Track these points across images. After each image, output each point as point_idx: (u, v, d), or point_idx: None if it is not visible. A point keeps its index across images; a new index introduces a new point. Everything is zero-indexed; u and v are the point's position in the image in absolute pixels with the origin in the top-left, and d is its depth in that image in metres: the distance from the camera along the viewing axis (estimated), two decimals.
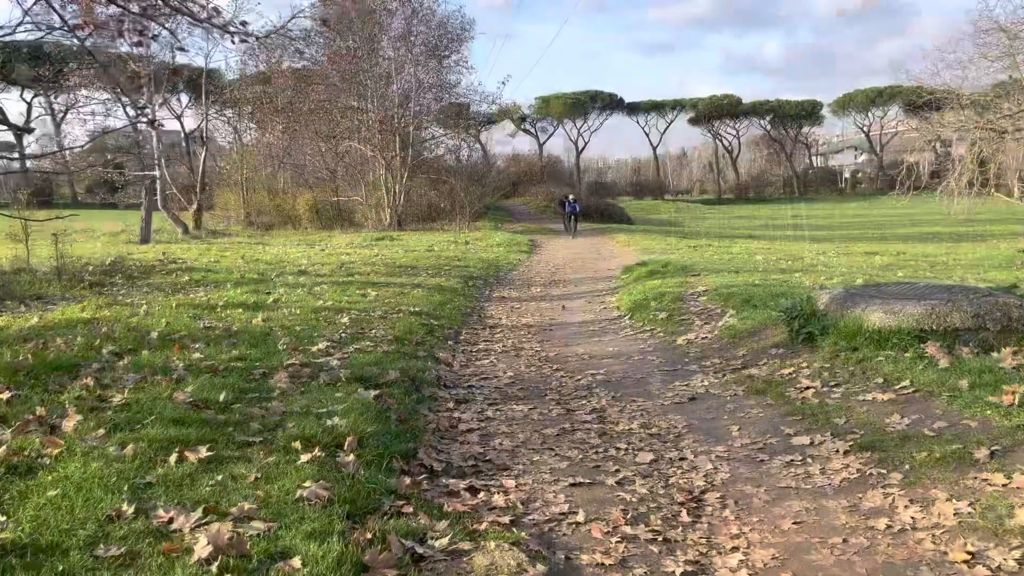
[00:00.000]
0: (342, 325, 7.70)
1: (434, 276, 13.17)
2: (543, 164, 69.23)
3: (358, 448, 3.93)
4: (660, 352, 7.03)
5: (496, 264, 16.78)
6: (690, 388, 5.64)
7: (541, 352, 7.47)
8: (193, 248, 18.64)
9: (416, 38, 33.73)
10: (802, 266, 14.16)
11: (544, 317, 9.82)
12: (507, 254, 19.54)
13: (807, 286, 9.49)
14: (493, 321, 9.57)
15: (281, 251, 18.80)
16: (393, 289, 10.87)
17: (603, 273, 15.08)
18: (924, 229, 37.63)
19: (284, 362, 5.78)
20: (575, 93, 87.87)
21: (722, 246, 21.61)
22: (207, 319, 7.57)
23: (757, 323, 7.06)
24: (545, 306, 10.89)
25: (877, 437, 4.11)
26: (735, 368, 6.01)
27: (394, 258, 16.39)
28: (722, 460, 4.15)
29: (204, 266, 13.36)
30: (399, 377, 5.54)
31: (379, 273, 13.20)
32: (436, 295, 10.71)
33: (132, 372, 5.27)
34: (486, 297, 12.06)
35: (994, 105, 24.91)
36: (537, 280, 14.40)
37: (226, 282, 11.05)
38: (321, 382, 5.30)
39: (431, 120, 37.41)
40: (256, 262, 14.88)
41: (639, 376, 6.18)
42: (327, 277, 12.30)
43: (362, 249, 19.54)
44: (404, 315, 8.66)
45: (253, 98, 36.67)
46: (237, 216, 40.40)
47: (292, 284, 11.08)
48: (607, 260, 18.39)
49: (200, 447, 3.74)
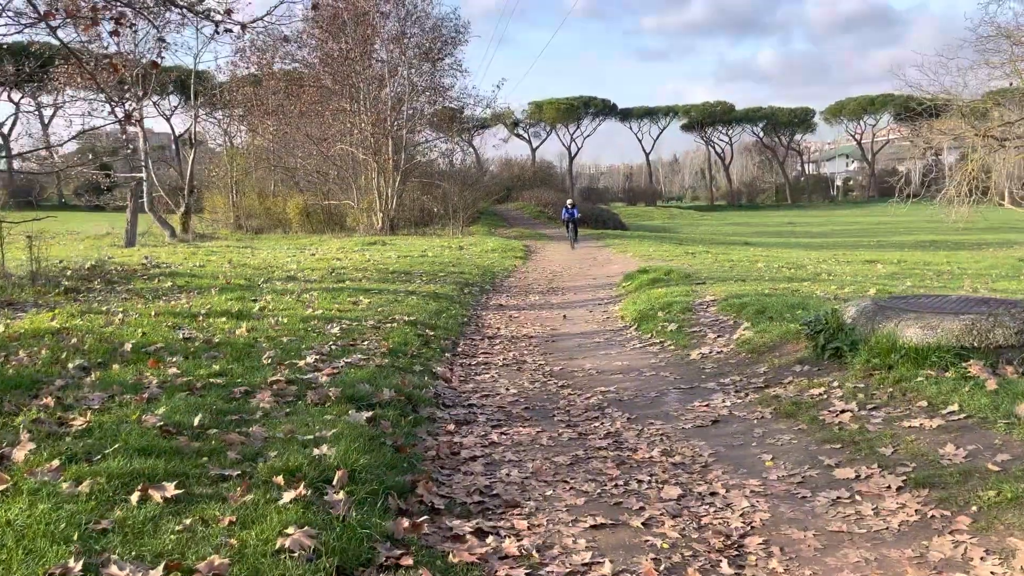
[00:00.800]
0: (332, 336, 7.21)
1: (428, 283, 12.69)
2: (536, 169, 68.87)
3: (349, 483, 3.45)
4: (673, 367, 6.57)
5: (492, 270, 16.33)
6: (711, 409, 5.18)
7: (545, 366, 7.01)
8: (179, 252, 18.09)
9: (410, 40, 33.28)
10: (806, 274, 13.76)
11: (545, 327, 9.35)
12: (502, 260, 19.08)
13: (819, 296, 9.07)
14: (492, 331, 9.10)
15: (270, 255, 18.28)
16: (386, 296, 10.39)
17: (603, 280, 14.63)
18: (919, 237, 37.40)
19: (268, 378, 5.29)
20: (568, 99, 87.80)
21: (720, 253, 21.21)
22: (187, 329, 7.07)
23: (776, 336, 6.62)
24: (545, 315, 10.42)
25: (933, 471, 3.66)
26: (758, 387, 5.55)
27: (387, 263, 15.91)
28: (758, 496, 3.69)
29: (188, 271, 12.84)
30: (394, 396, 5.06)
31: (371, 279, 12.72)
32: (431, 303, 10.24)
33: (99, 390, 4.77)
34: (483, 305, 11.59)
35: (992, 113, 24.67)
36: (535, 287, 13.94)
37: (211, 288, 10.55)
38: (308, 402, 4.81)
39: (424, 124, 36.97)
40: (243, 267, 14.36)
41: (654, 394, 5.72)
42: (317, 283, 11.80)
43: (353, 254, 19.04)
44: (398, 325, 8.19)
45: (244, 100, 36.17)
46: (226, 219, 39.83)
47: (280, 291, 10.58)
48: (605, 266, 17.96)
49: (167, 483, 3.25)
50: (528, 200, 49.08)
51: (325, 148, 33.67)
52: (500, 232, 32.82)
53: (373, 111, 31.80)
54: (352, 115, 31.95)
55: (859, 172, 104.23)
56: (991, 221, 37.74)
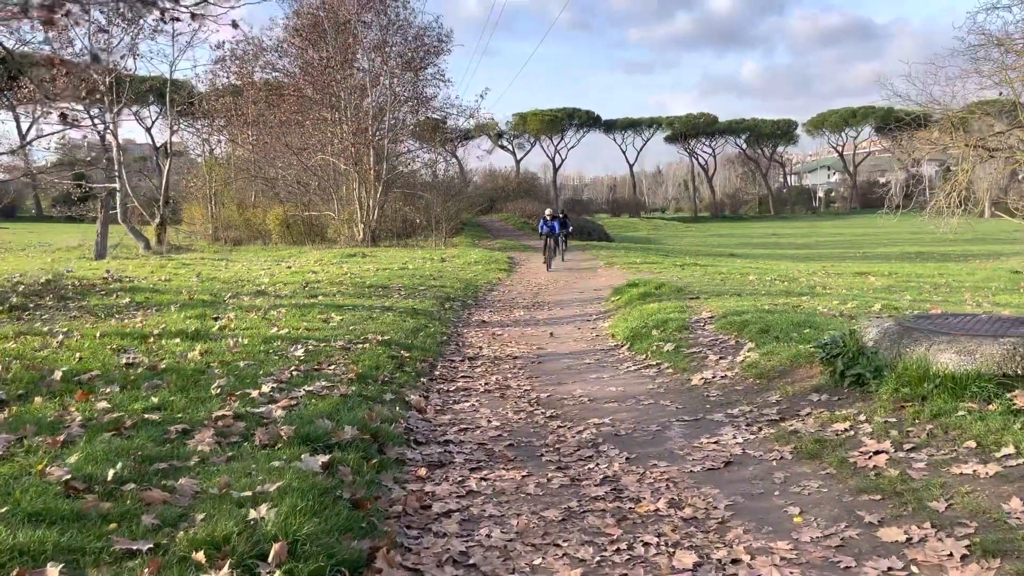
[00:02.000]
0: (295, 359, 6.52)
1: (407, 297, 12.01)
2: (520, 180, 68.42)
3: (288, 559, 2.77)
4: (674, 395, 5.93)
5: (474, 284, 15.66)
6: (722, 447, 4.54)
7: (531, 392, 6.35)
8: (148, 264, 17.29)
9: (392, 49, 32.68)
10: (801, 288, 13.22)
11: (531, 346, 8.69)
12: (486, 272, 18.43)
13: (823, 313, 8.49)
14: (473, 351, 8.42)
15: (243, 268, 17.51)
16: (360, 313, 9.69)
17: (590, 294, 14.01)
18: (904, 248, 37.13)
19: (214, 413, 4.59)
20: (552, 110, 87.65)
21: (709, 265, 20.68)
22: (133, 352, 6.35)
23: (785, 359, 6.00)
24: (531, 332, 9.77)
25: (1002, 535, 3.03)
26: (772, 419, 4.92)
27: (364, 277, 15.20)
28: (792, 566, 3.04)
29: (151, 285, 12.08)
30: (357, 435, 4.37)
31: (346, 294, 12.01)
32: (409, 320, 9.56)
33: (7, 431, 4.05)
34: (465, 321, 10.92)
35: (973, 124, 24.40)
36: (520, 301, 13.29)
37: (172, 304, 9.81)
38: (256, 443, 4.12)
39: (407, 134, 36.34)
40: (212, 281, 13.61)
41: (654, 427, 5.07)
42: (287, 299, 11.09)
43: (331, 267, 18.31)
44: (371, 345, 7.50)
45: (223, 110, 35.43)
46: (204, 231, 38.96)
47: (246, 307, 9.86)
48: (592, 279, 17.34)
49: (52, 567, 2.55)
50: (512, 211, 48.56)
51: (305, 158, 32.94)
52: (484, 244, 32.17)
53: (354, 121, 31.13)
54: (332, 125, 31.24)
55: (841, 184, 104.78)
56: (977, 232, 37.52)
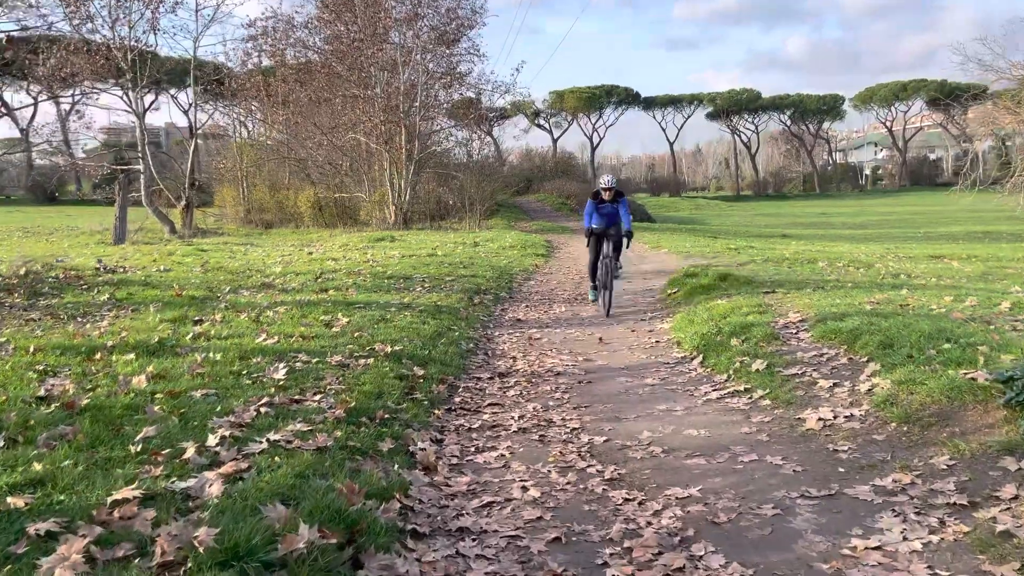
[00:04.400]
0: (272, 385, 4.99)
1: (431, 290, 10.45)
2: (557, 160, 66.51)
3: None
4: (784, 445, 4.26)
5: (509, 272, 14.05)
6: (890, 558, 2.88)
7: (581, 433, 4.73)
8: (157, 251, 16.01)
9: (423, 22, 31.03)
10: (884, 277, 11.37)
11: (576, 356, 7.06)
12: (522, 258, 16.80)
13: (944, 314, 6.69)
14: (505, 363, 6.83)
15: (261, 255, 16.16)
16: (373, 313, 8.16)
17: (640, 284, 12.31)
18: (968, 227, 34.52)
19: (110, 495, 3.06)
20: (590, 87, 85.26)
21: (766, 248, 18.79)
22: (60, 378, 4.89)
23: (937, 394, 4.29)
24: (575, 335, 8.13)
25: None
26: (953, 503, 3.24)
27: (387, 264, 13.69)
28: None
29: (144, 278, 10.70)
30: (318, 540, 2.80)
31: (362, 287, 10.50)
32: (429, 321, 8.00)
33: None
34: (497, 320, 9.32)
35: None
36: (560, 294, 11.64)
37: (155, 303, 8.38)
38: (149, 566, 2.58)
39: (440, 112, 34.77)
40: (217, 271, 12.22)
41: (769, 510, 3.41)
42: (293, 293, 9.61)
43: (354, 252, 16.87)
44: (376, 360, 5.95)
45: (253, 89, 34.39)
46: (236, 214, 38.10)
47: (241, 305, 8.40)
48: (639, 265, 15.61)
49: None
50: (550, 191, 46.72)
51: (335, 138, 31.58)
52: (520, 226, 30.53)
53: (384, 97, 29.61)
54: (363, 102, 29.76)
55: (888, 160, 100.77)
56: None
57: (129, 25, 26.78)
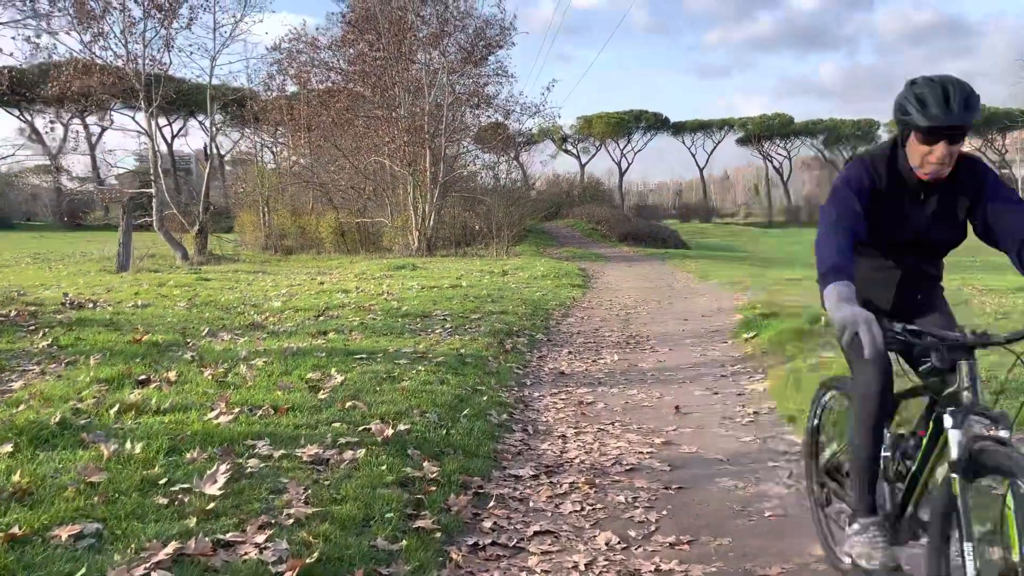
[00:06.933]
0: (195, 511, 3.14)
1: (453, 333, 8.60)
2: (586, 185, 64.94)
3: None
4: None
5: (543, 307, 12.16)
6: None
7: None
8: (148, 281, 14.37)
9: (450, 40, 29.60)
10: (984, 313, 9.32)
11: (649, 436, 5.13)
12: (556, 290, 14.91)
13: None
14: (553, 448, 4.91)
15: (267, 285, 14.49)
16: (376, 367, 6.31)
17: (700, 323, 10.36)
18: None
19: None
20: (619, 113, 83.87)
21: None
22: None
23: None
24: (640, 400, 6.20)
25: None
26: None
27: (404, 298, 11.88)
28: None
29: (111, 315, 8.96)
30: None
31: (371, 328, 8.68)
32: (449, 379, 6.13)
33: None
34: (534, 373, 7.42)
35: None
36: (607, 335, 9.72)
37: (103, 351, 6.61)
38: None
39: (467, 135, 33.27)
40: (206, 305, 10.49)
41: None
42: (283, 337, 7.81)
43: (370, 282, 15.12)
44: (369, 451, 4.09)
45: (276, 112, 33.40)
46: (255, 240, 36.87)
47: (212, 355, 6.60)
48: (692, 299, 13.66)
49: None
50: (579, 216, 44.98)
51: (357, 160, 30.14)
52: (550, 252, 28.70)
53: (408, 118, 28.11)
54: (385, 123, 28.28)
55: None
56: None
57: (143, 43, 25.61)
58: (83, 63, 24.73)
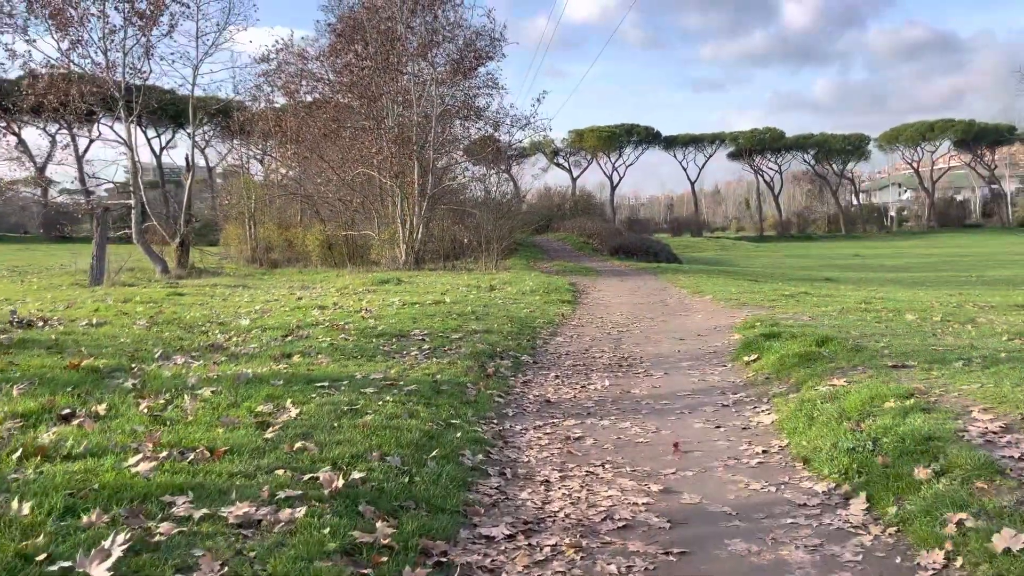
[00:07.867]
0: None
1: (430, 355, 7.92)
2: (577, 199, 64.54)
3: None
4: None
5: (531, 325, 11.49)
6: None
7: None
8: (113, 296, 13.63)
9: (438, 49, 29.05)
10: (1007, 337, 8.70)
11: (644, 482, 4.47)
12: (545, 306, 14.25)
13: None
14: (534, 499, 4.22)
15: (243, 300, 13.78)
16: (338, 397, 5.62)
17: (697, 343, 9.71)
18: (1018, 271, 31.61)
19: None
20: (610, 126, 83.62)
21: (823, 295, 16.12)
22: None
23: None
24: (633, 435, 5.53)
25: None
26: None
27: (383, 315, 11.19)
28: None
29: (57, 335, 8.23)
30: None
31: (341, 349, 7.98)
32: (419, 410, 5.45)
33: None
34: (516, 402, 6.74)
35: None
36: (598, 357, 9.05)
37: (32, 379, 5.90)
38: None
39: (456, 147, 32.69)
40: (168, 324, 9.78)
41: None
42: (242, 361, 7.11)
43: (351, 297, 14.43)
44: (311, 509, 3.42)
45: (262, 123, 32.83)
46: (240, 252, 36.18)
47: (158, 382, 5.90)
48: (687, 315, 13.03)
49: None
50: (570, 230, 44.38)
51: (344, 173, 29.47)
52: (540, 266, 28.05)
53: (394, 129, 27.50)
54: (372, 134, 27.65)
55: (914, 202, 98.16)
56: None
57: (123, 51, 24.93)
58: (60, 73, 24.04)
